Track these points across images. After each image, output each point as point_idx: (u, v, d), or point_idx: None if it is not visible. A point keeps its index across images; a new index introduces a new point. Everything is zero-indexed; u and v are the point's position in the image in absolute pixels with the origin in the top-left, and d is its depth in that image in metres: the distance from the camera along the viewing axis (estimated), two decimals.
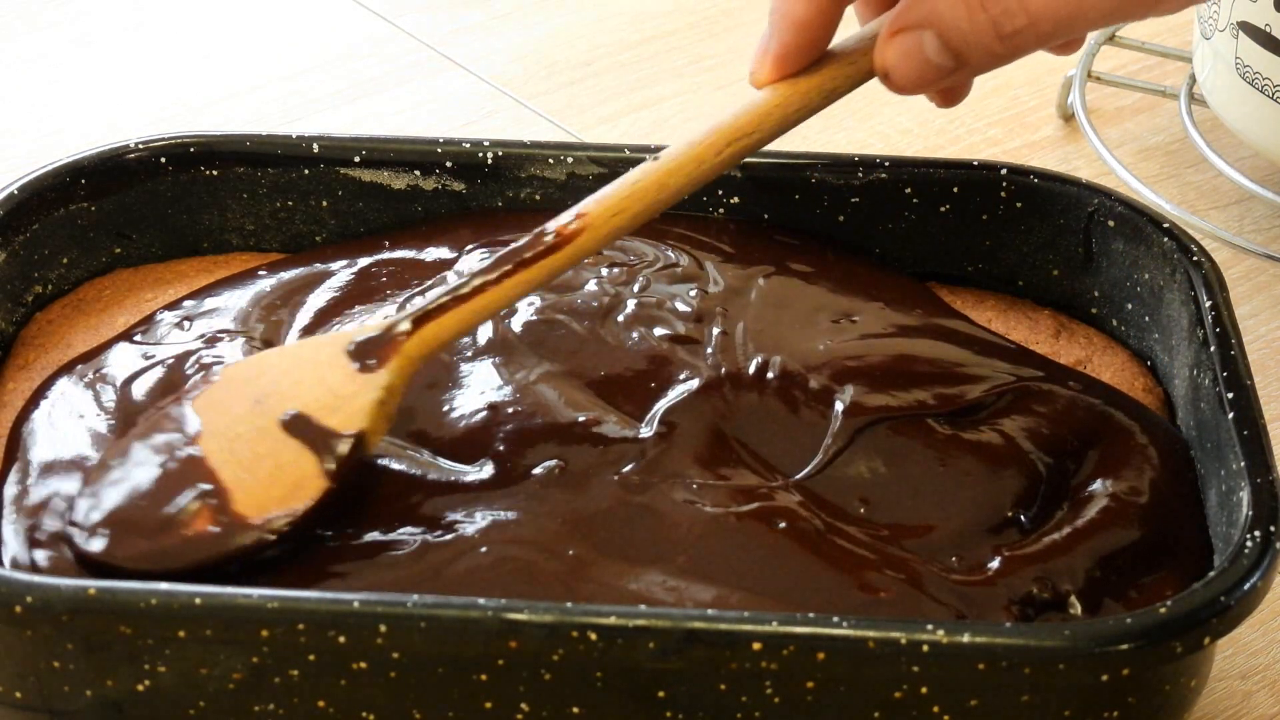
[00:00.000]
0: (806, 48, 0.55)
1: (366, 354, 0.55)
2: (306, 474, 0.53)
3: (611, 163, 0.65)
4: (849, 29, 0.57)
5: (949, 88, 0.56)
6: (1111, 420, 0.58)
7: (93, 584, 0.49)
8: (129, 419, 0.57)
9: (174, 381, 0.58)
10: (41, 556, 0.53)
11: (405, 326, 0.55)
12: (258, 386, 0.55)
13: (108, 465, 0.54)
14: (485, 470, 0.55)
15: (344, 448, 0.54)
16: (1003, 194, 0.65)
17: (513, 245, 0.56)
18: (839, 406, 0.58)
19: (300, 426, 0.54)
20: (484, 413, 0.57)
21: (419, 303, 0.56)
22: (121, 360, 0.60)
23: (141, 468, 0.54)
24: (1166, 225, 0.62)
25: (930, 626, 0.48)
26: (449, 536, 0.53)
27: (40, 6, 0.92)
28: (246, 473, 0.53)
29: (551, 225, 0.56)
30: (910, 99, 0.84)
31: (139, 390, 0.58)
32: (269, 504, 0.53)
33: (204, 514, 0.52)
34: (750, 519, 0.54)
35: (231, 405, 0.55)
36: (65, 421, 0.58)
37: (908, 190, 0.65)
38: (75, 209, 0.64)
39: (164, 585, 0.49)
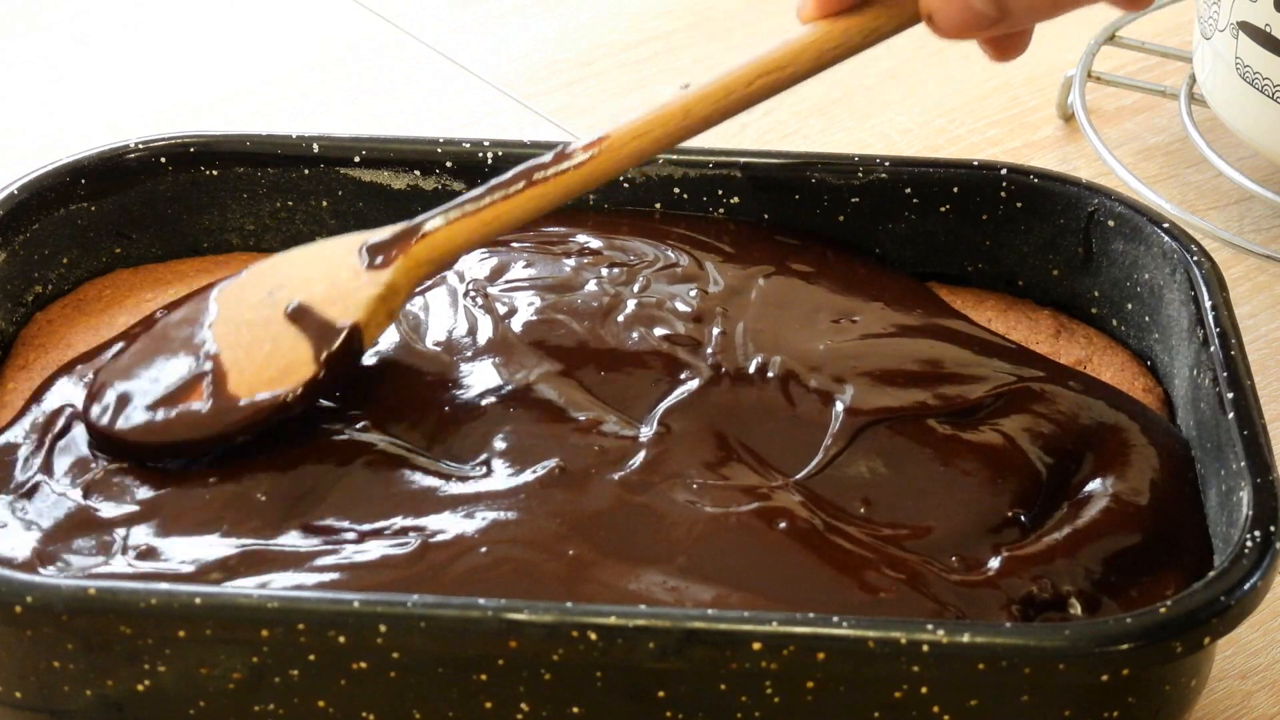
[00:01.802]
0: None
1: (376, 253, 0.57)
2: (299, 359, 0.55)
3: None
4: None
5: (1005, 40, 0.55)
6: (1111, 420, 0.58)
7: (93, 584, 0.49)
8: None
9: None
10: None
11: (416, 229, 0.56)
12: (273, 279, 0.57)
13: (130, 349, 0.57)
14: (485, 470, 0.55)
15: (336, 338, 0.55)
16: (1003, 194, 0.65)
17: (531, 161, 0.56)
18: (839, 406, 0.58)
19: (301, 316, 0.56)
20: (484, 413, 0.57)
21: (434, 211, 0.57)
22: None
23: (157, 350, 0.57)
24: (1166, 225, 0.62)
25: (930, 626, 0.48)
26: (449, 536, 0.53)
27: (40, 6, 0.92)
28: (245, 355, 0.56)
29: (572, 144, 0.56)
30: (912, 99, 0.84)
31: None
32: (259, 385, 0.55)
33: (198, 390, 0.55)
34: (750, 519, 0.54)
35: (247, 296, 0.57)
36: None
37: (908, 190, 0.65)
38: (75, 209, 0.64)
39: (164, 585, 0.49)
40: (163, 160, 0.65)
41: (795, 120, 0.83)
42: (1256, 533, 0.51)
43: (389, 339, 0.60)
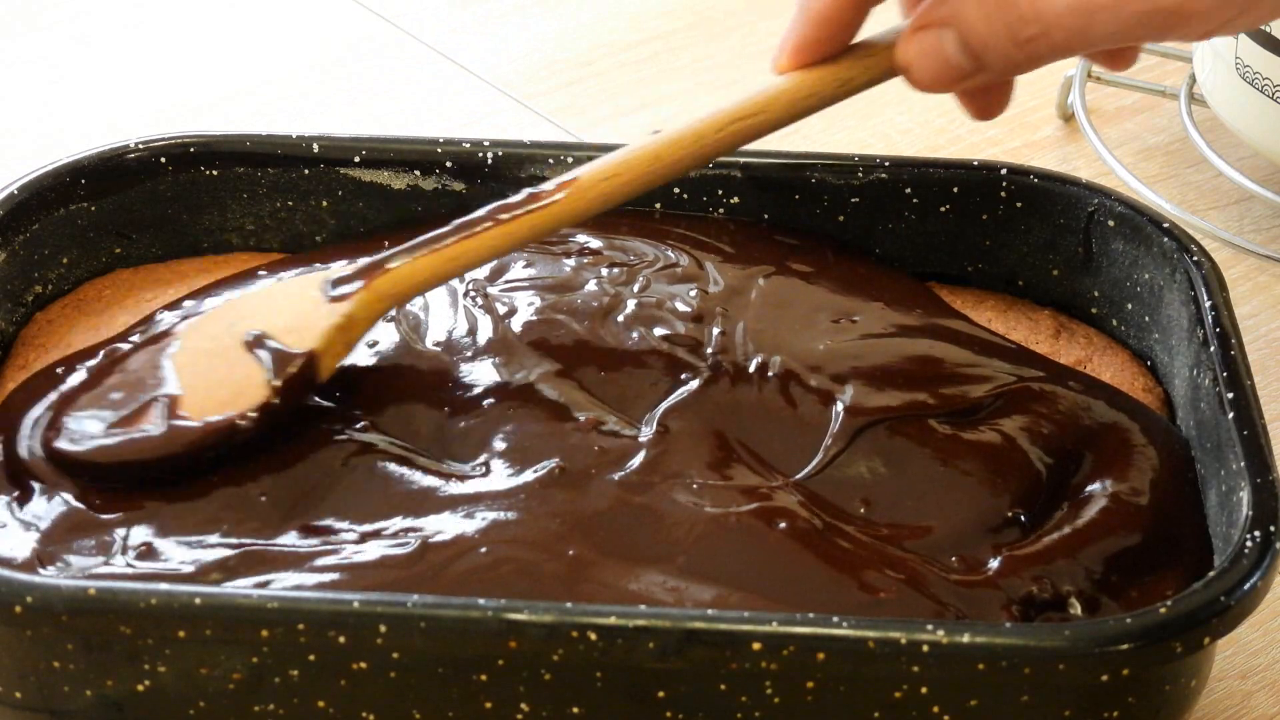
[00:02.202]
0: (825, 41, 0.55)
1: (338, 286, 0.57)
2: (252, 384, 0.56)
3: None
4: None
5: (983, 98, 0.56)
6: (1111, 420, 0.58)
7: (93, 584, 0.49)
8: None
9: None
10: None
11: (379, 265, 0.57)
12: (236, 313, 0.59)
13: (96, 380, 0.58)
14: (485, 470, 0.55)
15: (292, 364, 0.56)
16: (1003, 194, 0.65)
17: (500, 201, 0.57)
18: (839, 406, 0.58)
19: (258, 344, 0.57)
20: (484, 413, 0.57)
21: (398, 248, 0.57)
22: None
23: (120, 379, 0.58)
24: (1166, 225, 0.62)
25: (930, 626, 0.48)
26: (449, 536, 0.53)
27: (40, 6, 0.92)
28: (200, 380, 0.56)
29: (540, 186, 0.57)
30: (912, 99, 0.84)
31: None
32: (211, 408, 0.55)
33: (152, 413, 0.56)
34: (750, 519, 0.54)
35: (208, 328, 0.58)
36: None
37: (908, 190, 0.65)
38: (75, 209, 0.64)
39: (164, 585, 0.49)
40: (163, 160, 0.65)
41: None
42: (1256, 533, 0.51)
43: (389, 339, 0.60)
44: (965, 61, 0.52)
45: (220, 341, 0.57)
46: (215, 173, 0.66)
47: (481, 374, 0.59)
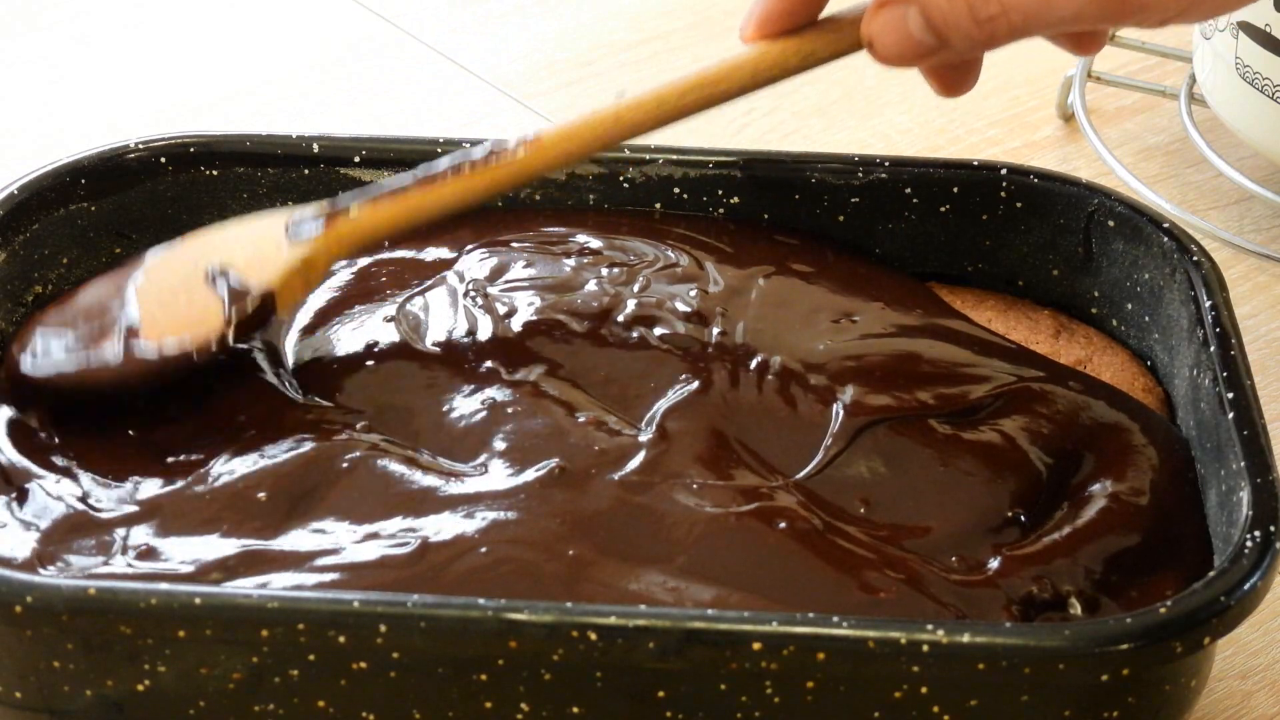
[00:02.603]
0: (792, 14, 0.56)
1: (300, 228, 0.58)
2: (208, 314, 0.57)
3: (611, 163, 0.65)
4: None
5: (950, 75, 0.56)
6: (1111, 420, 0.58)
7: (93, 584, 0.49)
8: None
9: None
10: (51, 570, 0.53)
11: (341, 208, 0.58)
12: (203, 248, 0.60)
13: (66, 303, 0.60)
14: (485, 470, 0.55)
15: (249, 300, 0.57)
16: (1003, 194, 0.65)
17: (462, 153, 0.58)
18: (839, 406, 0.58)
19: (219, 278, 0.58)
20: (484, 413, 0.57)
21: (363, 191, 0.59)
22: None
23: (84, 305, 0.59)
24: (1166, 225, 0.62)
25: (930, 626, 0.48)
26: (449, 536, 0.53)
27: (40, 6, 0.92)
28: (159, 308, 0.58)
29: (504, 143, 0.58)
30: (912, 99, 0.84)
31: None
32: (166, 334, 0.57)
33: (109, 336, 0.57)
34: (750, 519, 0.54)
35: (176, 261, 0.60)
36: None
37: (908, 190, 0.65)
38: (75, 209, 0.64)
39: (164, 585, 0.49)
40: (163, 160, 0.65)
41: (795, 120, 0.83)
42: (1256, 533, 0.51)
43: (389, 339, 0.60)
44: (927, 38, 0.52)
45: (182, 273, 0.59)
46: (215, 173, 0.66)
47: (481, 374, 0.59)
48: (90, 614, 0.49)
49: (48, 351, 0.58)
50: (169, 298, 0.58)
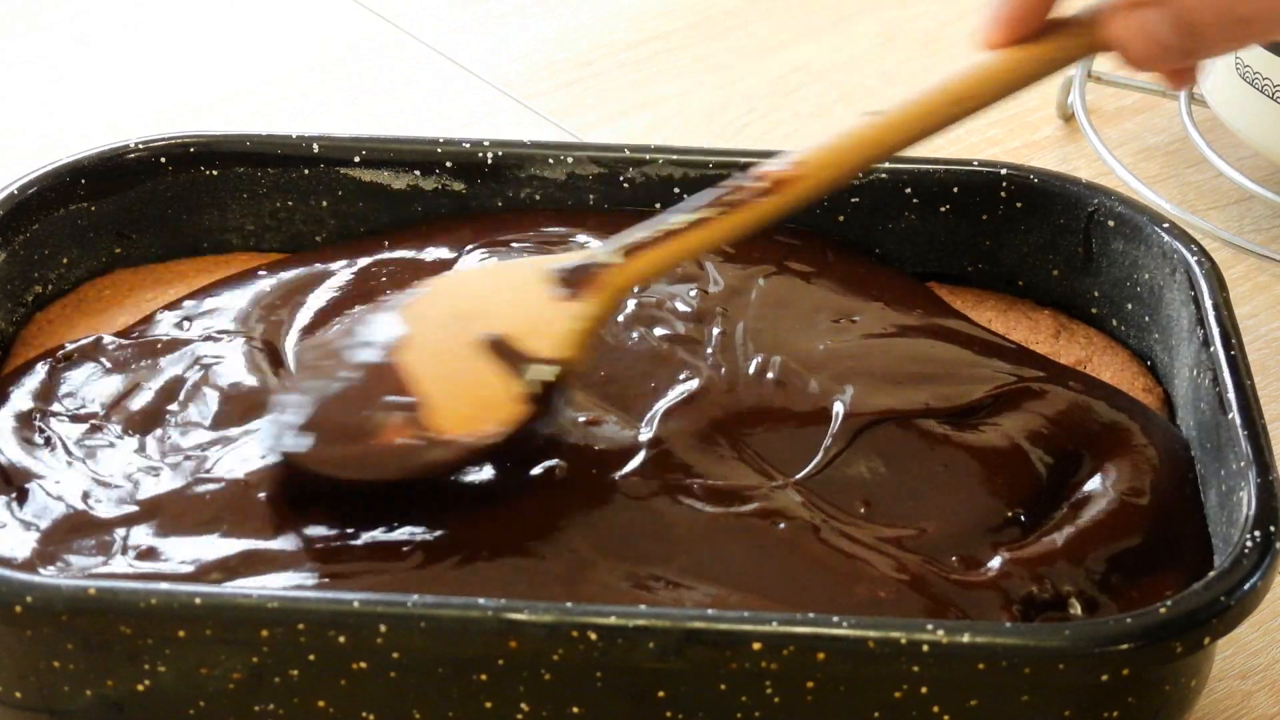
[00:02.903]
0: (1026, 17, 0.54)
1: (569, 283, 0.55)
2: (504, 396, 0.53)
3: (611, 163, 0.65)
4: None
5: (1179, 69, 0.56)
6: (1111, 420, 0.58)
7: (93, 584, 0.49)
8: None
9: (173, 384, 0.59)
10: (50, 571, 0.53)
11: (611, 258, 0.55)
12: (461, 303, 0.55)
13: (312, 365, 0.55)
14: (486, 470, 0.55)
15: (546, 374, 0.53)
16: (1003, 194, 0.65)
17: (725, 185, 0.55)
18: (839, 407, 0.58)
19: (502, 349, 0.54)
20: None
21: (626, 235, 0.55)
22: None
23: (345, 371, 0.54)
24: (1166, 225, 0.62)
25: (930, 626, 0.48)
26: (449, 536, 0.53)
27: (40, 6, 0.92)
28: (444, 389, 0.53)
29: (766, 170, 0.55)
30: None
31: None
32: (464, 422, 0.53)
33: (399, 425, 0.53)
34: (750, 519, 0.54)
35: (434, 318, 0.55)
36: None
37: (908, 190, 0.65)
38: (75, 209, 0.64)
39: (164, 585, 0.49)
40: (163, 160, 0.65)
41: (795, 120, 0.83)
42: (1257, 533, 0.51)
43: None
44: (1178, 40, 0.51)
45: (455, 340, 0.54)
46: (215, 173, 0.66)
47: None
48: (90, 614, 0.49)
49: (322, 438, 0.53)
50: (449, 373, 0.53)
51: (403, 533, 0.53)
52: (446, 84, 0.87)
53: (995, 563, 0.53)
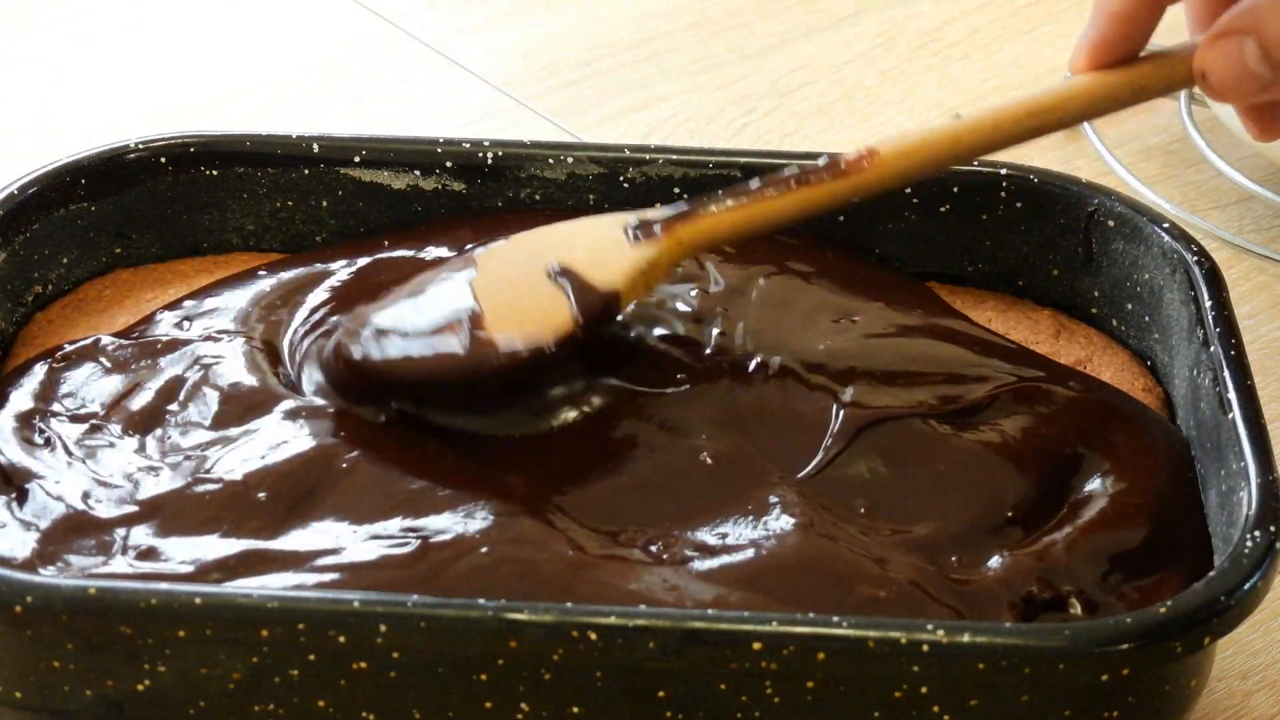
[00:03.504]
0: (1121, 40, 0.55)
1: (642, 230, 0.58)
2: (557, 312, 0.56)
3: (611, 163, 0.65)
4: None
5: (1270, 115, 0.56)
6: (1111, 420, 0.58)
7: (92, 584, 0.49)
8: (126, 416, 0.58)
9: (173, 384, 0.59)
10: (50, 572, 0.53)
11: (688, 214, 0.58)
12: (537, 245, 0.59)
13: (391, 295, 0.59)
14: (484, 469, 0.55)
15: (596, 299, 0.56)
16: (1003, 194, 0.65)
17: (802, 164, 0.57)
18: (839, 406, 0.58)
19: (562, 276, 0.57)
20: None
21: (702, 199, 0.58)
22: None
23: (413, 298, 0.58)
24: (1166, 225, 0.62)
25: (930, 626, 0.48)
26: (449, 536, 0.53)
27: (40, 6, 0.92)
28: (503, 303, 0.57)
29: (841, 154, 0.57)
30: (912, 100, 0.84)
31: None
32: (515, 330, 0.56)
33: (454, 326, 0.56)
34: (750, 518, 0.54)
35: (509, 256, 0.59)
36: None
37: (908, 190, 0.65)
38: (75, 209, 0.64)
39: (164, 585, 0.49)
40: (163, 160, 0.65)
41: (795, 120, 0.83)
42: (1257, 533, 0.51)
43: None
44: (1265, 70, 0.52)
45: (522, 270, 0.58)
46: (215, 173, 0.66)
47: None
48: (90, 614, 0.49)
49: (386, 343, 0.57)
50: (510, 294, 0.57)
51: (403, 533, 0.53)
52: (446, 84, 0.87)
53: (995, 563, 0.53)
